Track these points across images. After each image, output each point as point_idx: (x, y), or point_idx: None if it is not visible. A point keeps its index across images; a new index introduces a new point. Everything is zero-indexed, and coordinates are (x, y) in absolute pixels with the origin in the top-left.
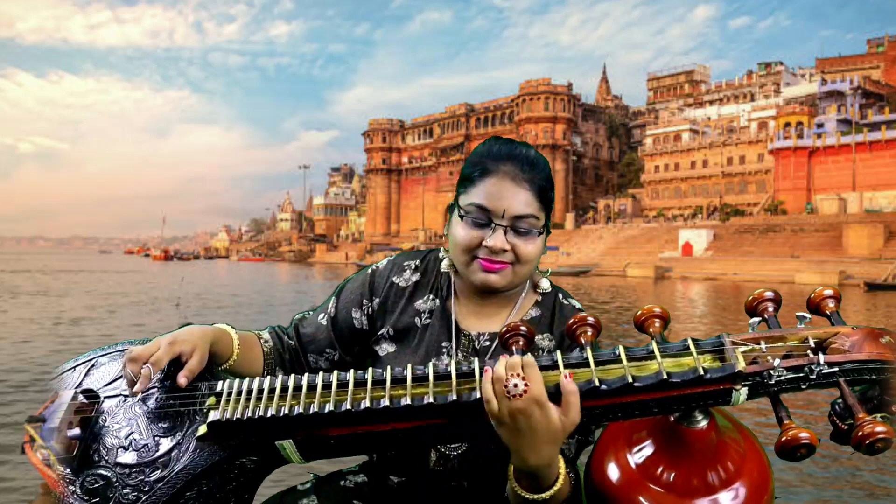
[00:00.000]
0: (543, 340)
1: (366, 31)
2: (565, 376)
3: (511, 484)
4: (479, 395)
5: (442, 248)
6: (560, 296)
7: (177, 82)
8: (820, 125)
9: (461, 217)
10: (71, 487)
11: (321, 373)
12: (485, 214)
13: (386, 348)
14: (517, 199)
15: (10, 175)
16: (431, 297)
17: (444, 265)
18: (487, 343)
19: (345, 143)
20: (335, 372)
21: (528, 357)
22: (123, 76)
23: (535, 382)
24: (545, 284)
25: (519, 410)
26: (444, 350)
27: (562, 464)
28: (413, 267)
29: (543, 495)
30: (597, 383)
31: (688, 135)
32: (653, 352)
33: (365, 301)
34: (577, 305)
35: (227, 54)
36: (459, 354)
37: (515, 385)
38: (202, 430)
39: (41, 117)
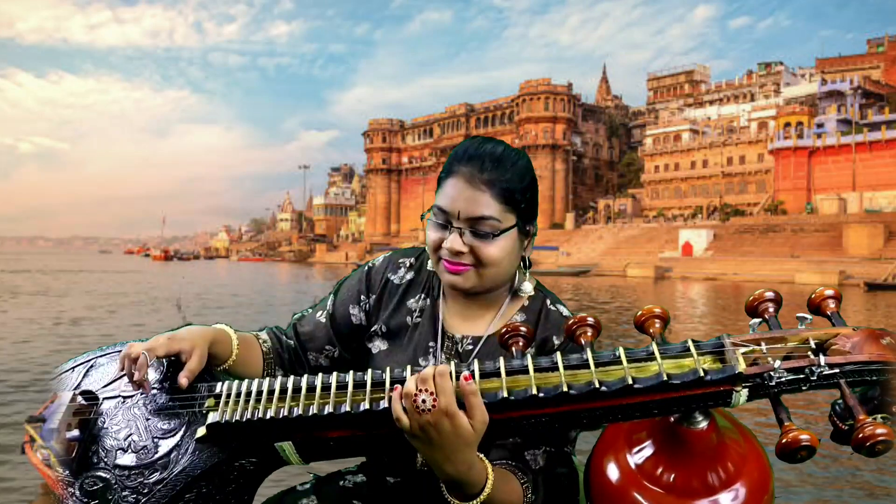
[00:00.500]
0: None
1: (366, 31)
2: (464, 378)
3: (444, 495)
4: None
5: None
6: (548, 301)
7: (177, 82)
8: (820, 125)
9: (429, 217)
10: (70, 489)
11: (320, 374)
12: (444, 216)
13: (378, 345)
14: (473, 201)
15: (10, 175)
16: (423, 296)
17: (430, 264)
18: (470, 347)
19: (345, 143)
20: (334, 374)
21: (442, 367)
22: (123, 76)
23: (444, 394)
24: (527, 288)
25: (429, 424)
26: (431, 350)
27: (490, 470)
28: (408, 265)
29: (473, 502)
30: (597, 385)
31: (688, 135)
32: (653, 353)
33: (363, 297)
34: (565, 312)
35: (227, 54)
36: (443, 356)
37: (424, 401)
38: (201, 431)
39: (41, 117)
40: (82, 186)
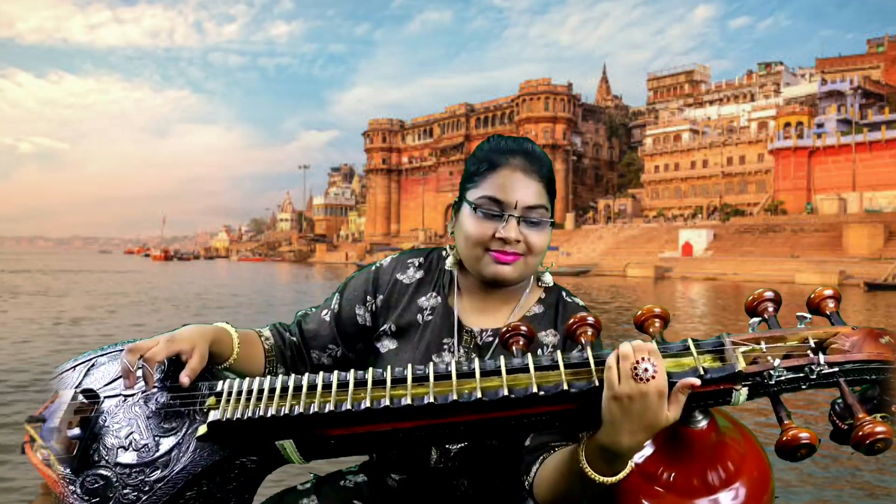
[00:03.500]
0: (548, 336)
1: (366, 31)
2: (691, 382)
3: (581, 464)
4: (478, 396)
5: (447, 247)
6: (563, 294)
7: (177, 82)
8: (820, 125)
9: (474, 210)
10: (71, 487)
11: (321, 373)
12: (497, 206)
13: (388, 345)
14: (528, 190)
15: (10, 175)
16: (434, 293)
17: (449, 263)
18: (490, 339)
19: (345, 143)
20: (335, 372)
21: (653, 346)
22: (123, 76)
23: (662, 372)
24: (548, 278)
25: (642, 394)
26: (446, 346)
27: None
28: (417, 264)
29: (613, 479)
30: (597, 383)
31: (688, 135)
32: None
33: (369, 298)
34: (581, 304)
35: (227, 54)
36: (461, 350)
37: (646, 369)
38: (202, 430)
39: (41, 117)
40: (82, 186)
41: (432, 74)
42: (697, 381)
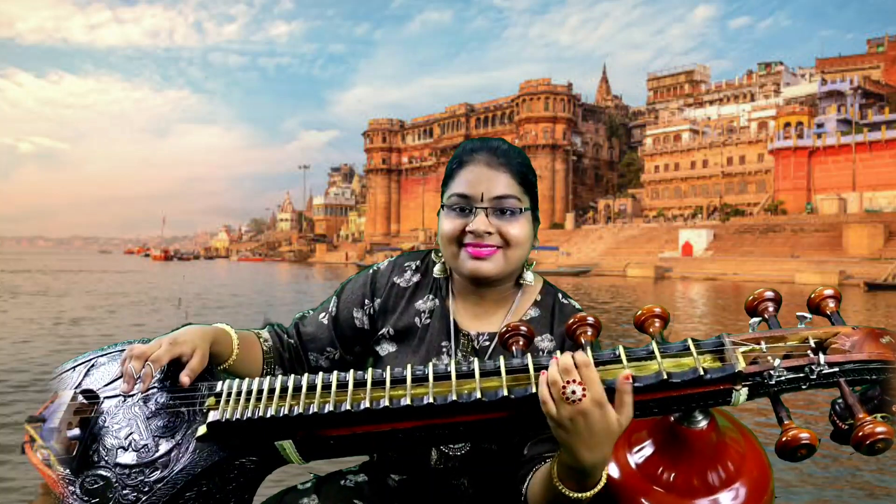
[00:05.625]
0: (543, 342)
1: (366, 31)
2: (625, 378)
3: (553, 483)
4: (478, 396)
5: (433, 251)
6: (559, 296)
7: (177, 82)
8: (820, 125)
9: (447, 209)
10: (71, 488)
11: (321, 373)
12: (466, 201)
13: (387, 348)
14: (495, 181)
15: (10, 175)
16: (431, 297)
17: (437, 270)
18: (487, 343)
19: (345, 143)
20: (335, 372)
21: (582, 356)
22: (123, 76)
23: (593, 384)
24: (529, 277)
25: (580, 412)
26: (444, 350)
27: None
28: (414, 267)
29: (588, 494)
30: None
31: (688, 135)
32: (653, 352)
33: (366, 301)
34: (577, 306)
35: (227, 54)
36: (459, 354)
37: (574, 391)
38: (202, 430)
39: (41, 117)
40: (82, 186)
41: (432, 74)
42: (630, 372)
